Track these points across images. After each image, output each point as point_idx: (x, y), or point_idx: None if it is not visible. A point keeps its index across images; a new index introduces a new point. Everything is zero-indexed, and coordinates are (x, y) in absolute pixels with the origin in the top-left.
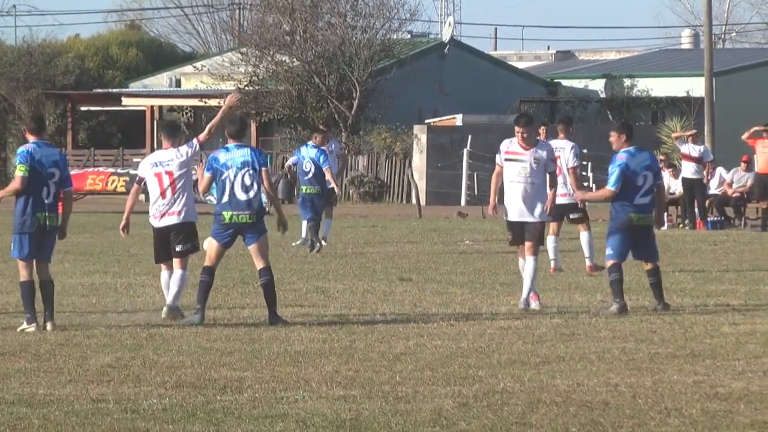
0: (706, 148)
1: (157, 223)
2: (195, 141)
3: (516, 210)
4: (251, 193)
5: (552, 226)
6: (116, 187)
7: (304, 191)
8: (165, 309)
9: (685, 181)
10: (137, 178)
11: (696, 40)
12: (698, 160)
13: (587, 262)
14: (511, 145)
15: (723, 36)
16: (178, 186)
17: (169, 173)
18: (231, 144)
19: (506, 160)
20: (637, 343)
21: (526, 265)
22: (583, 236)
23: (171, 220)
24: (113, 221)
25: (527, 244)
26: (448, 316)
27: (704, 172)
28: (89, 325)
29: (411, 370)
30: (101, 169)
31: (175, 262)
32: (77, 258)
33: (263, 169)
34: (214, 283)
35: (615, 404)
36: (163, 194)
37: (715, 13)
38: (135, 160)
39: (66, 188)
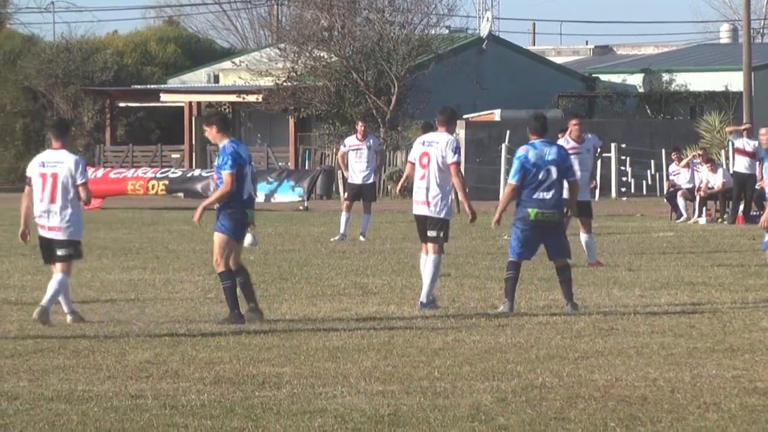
0: (760, 143)
1: (41, 231)
2: (85, 163)
3: None
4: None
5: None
6: (157, 191)
7: None
8: (38, 309)
9: (737, 176)
10: (27, 179)
11: (734, 35)
12: (752, 155)
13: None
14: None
15: (762, 30)
16: (61, 193)
17: (54, 175)
18: (234, 138)
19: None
20: (676, 338)
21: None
22: (582, 237)
23: (54, 235)
24: (151, 217)
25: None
26: (486, 311)
27: (757, 168)
28: (128, 321)
29: (449, 366)
30: (139, 173)
31: (57, 265)
32: (116, 254)
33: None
34: (250, 278)
35: (653, 399)
36: (42, 197)
37: (753, 7)
38: (174, 156)
39: None
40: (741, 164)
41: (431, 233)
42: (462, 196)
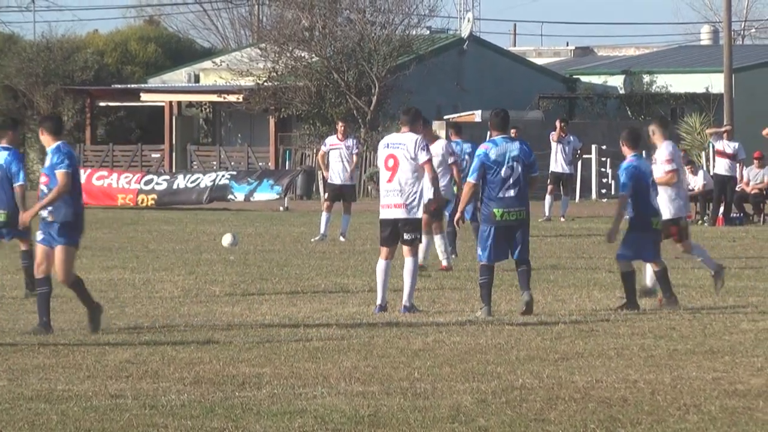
0: (740, 145)
1: None
2: None
3: None
4: None
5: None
6: (147, 204)
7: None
8: None
9: (718, 178)
10: None
11: (715, 36)
12: (732, 157)
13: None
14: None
15: (742, 32)
16: None
17: None
18: (65, 141)
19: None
20: (656, 340)
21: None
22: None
23: None
24: (131, 217)
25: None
26: (466, 312)
27: (738, 170)
28: (107, 320)
29: (429, 367)
30: (123, 183)
31: None
32: (95, 253)
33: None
34: (228, 279)
35: (634, 400)
36: None
37: (734, 9)
38: (154, 155)
39: None
40: (721, 166)
41: (409, 236)
42: (435, 191)
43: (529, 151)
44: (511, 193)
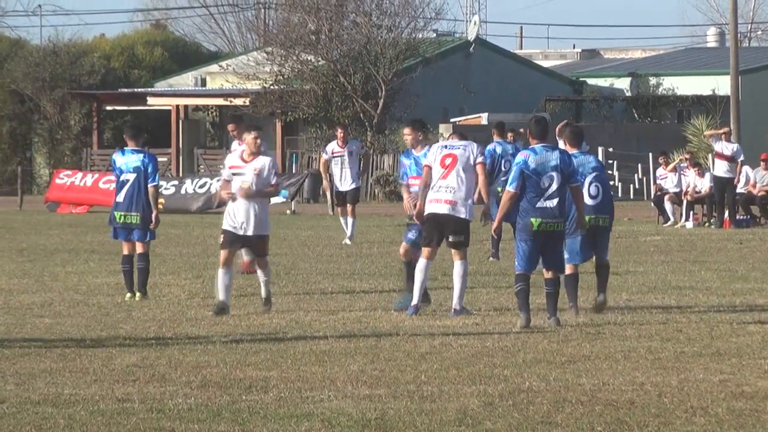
0: (739, 147)
1: None
2: None
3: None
4: None
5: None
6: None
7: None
8: None
9: (717, 180)
10: None
11: (721, 39)
12: (731, 159)
13: None
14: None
15: (749, 34)
16: None
17: None
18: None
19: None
20: (663, 342)
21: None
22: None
23: None
24: None
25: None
26: (474, 314)
27: (737, 171)
28: (114, 324)
29: (436, 369)
30: None
31: None
32: (102, 257)
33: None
34: (235, 283)
35: (641, 403)
36: None
37: (740, 11)
38: (161, 159)
39: None
40: (720, 168)
41: (456, 238)
42: (486, 197)
43: (569, 160)
44: (552, 203)
